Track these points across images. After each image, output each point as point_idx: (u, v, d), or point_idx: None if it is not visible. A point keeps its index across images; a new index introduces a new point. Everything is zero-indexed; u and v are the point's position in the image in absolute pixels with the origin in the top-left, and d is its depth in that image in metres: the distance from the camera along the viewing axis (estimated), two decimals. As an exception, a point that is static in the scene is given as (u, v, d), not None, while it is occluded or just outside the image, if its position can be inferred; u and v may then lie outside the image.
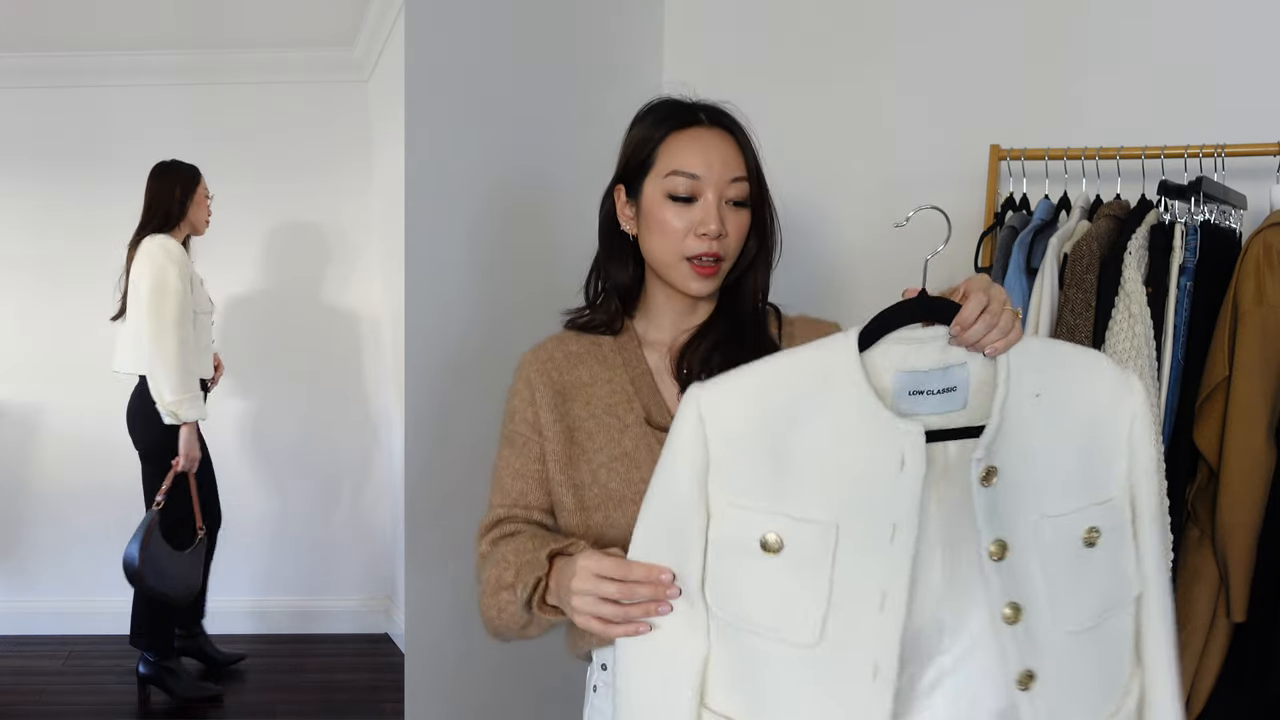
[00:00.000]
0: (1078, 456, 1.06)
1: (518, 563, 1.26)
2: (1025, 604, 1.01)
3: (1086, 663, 1.05)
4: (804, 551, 1.01)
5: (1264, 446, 1.76)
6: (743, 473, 1.03)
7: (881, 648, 0.99)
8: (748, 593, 1.03)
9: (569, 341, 1.42)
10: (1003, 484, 1.02)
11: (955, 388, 1.03)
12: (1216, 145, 1.93)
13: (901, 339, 1.03)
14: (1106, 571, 1.06)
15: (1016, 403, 1.03)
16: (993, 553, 1.01)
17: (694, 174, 1.35)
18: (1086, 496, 1.06)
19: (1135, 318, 1.76)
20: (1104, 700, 1.07)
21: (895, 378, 1.02)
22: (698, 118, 1.39)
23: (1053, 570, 1.03)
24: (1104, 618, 1.07)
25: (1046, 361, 1.06)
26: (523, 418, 1.38)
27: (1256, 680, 1.79)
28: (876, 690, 0.99)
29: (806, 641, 1.00)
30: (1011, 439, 1.02)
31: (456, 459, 1.93)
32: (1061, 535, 1.04)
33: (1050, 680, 1.02)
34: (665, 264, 1.37)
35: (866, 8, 2.46)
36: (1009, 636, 1.01)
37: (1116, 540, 1.07)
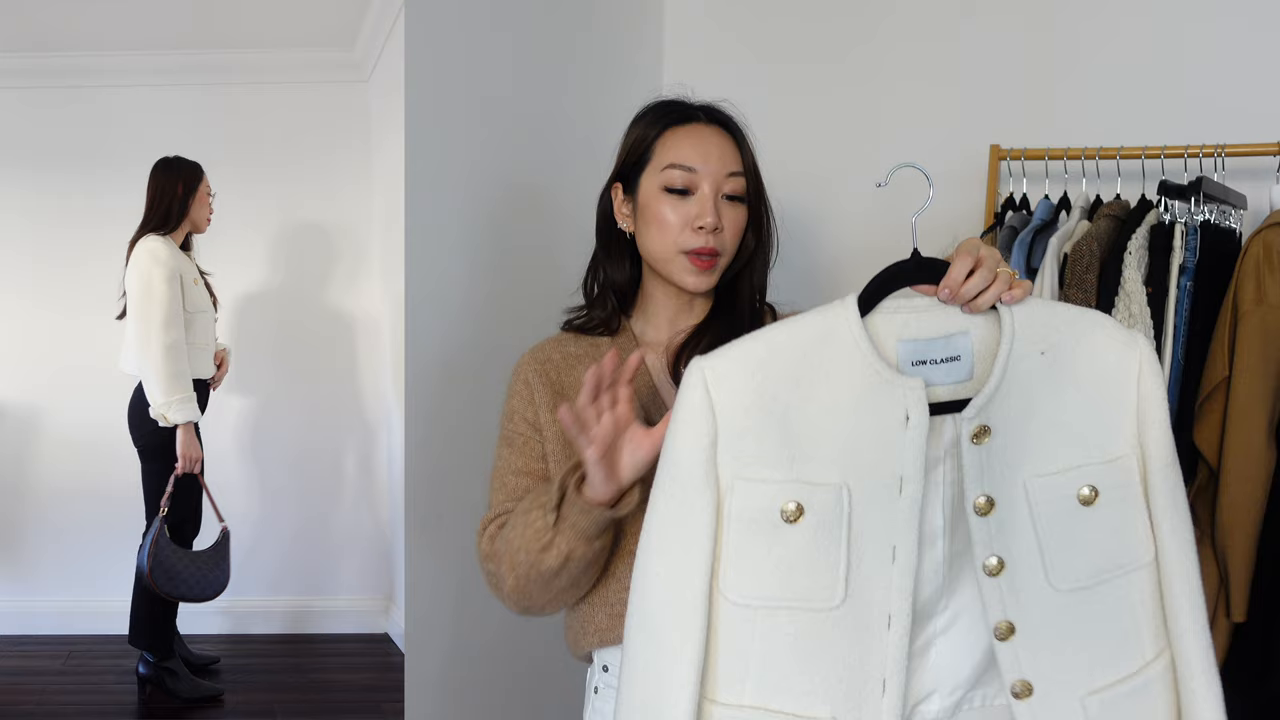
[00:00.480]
0: (1081, 413, 1.06)
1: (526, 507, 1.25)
2: (1011, 558, 1.03)
3: (1083, 621, 1.05)
4: (822, 516, 1.02)
5: (1264, 446, 1.76)
6: (753, 442, 1.02)
7: (896, 598, 1.01)
8: (771, 568, 1.02)
9: (567, 343, 1.42)
10: (996, 442, 1.03)
11: (959, 357, 1.03)
12: (1216, 145, 1.94)
13: (901, 308, 1.04)
14: (1106, 531, 1.06)
15: (1019, 361, 1.03)
16: (979, 507, 1.03)
17: (691, 167, 1.35)
18: (1087, 455, 1.06)
19: (1135, 318, 1.76)
20: (1112, 661, 1.06)
21: (898, 347, 1.03)
22: (695, 114, 1.40)
23: (1045, 527, 1.04)
24: (1103, 578, 1.06)
25: (1051, 319, 1.06)
26: (522, 417, 1.38)
27: (1256, 680, 1.79)
28: (892, 639, 1.01)
29: (832, 604, 1.01)
30: (1011, 398, 1.02)
31: (457, 459, 1.93)
32: (1056, 493, 1.04)
33: (1032, 634, 1.04)
34: (662, 259, 1.37)
35: (867, 8, 2.46)
36: (991, 588, 1.03)
37: (1120, 500, 1.06)
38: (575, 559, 1.22)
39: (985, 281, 1.04)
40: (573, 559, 1.21)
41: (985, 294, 1.04)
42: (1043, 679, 1.04)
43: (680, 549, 1.04)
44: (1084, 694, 1.05)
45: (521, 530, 1.24)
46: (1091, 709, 1.05)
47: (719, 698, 1.04)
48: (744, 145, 1.40)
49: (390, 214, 2.08)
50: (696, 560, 1.03)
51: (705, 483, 1.03)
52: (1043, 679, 1.04)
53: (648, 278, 1.43)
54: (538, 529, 1.22)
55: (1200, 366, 1.82)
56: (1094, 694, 1.05)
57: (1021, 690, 1.04)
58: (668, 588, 1.04)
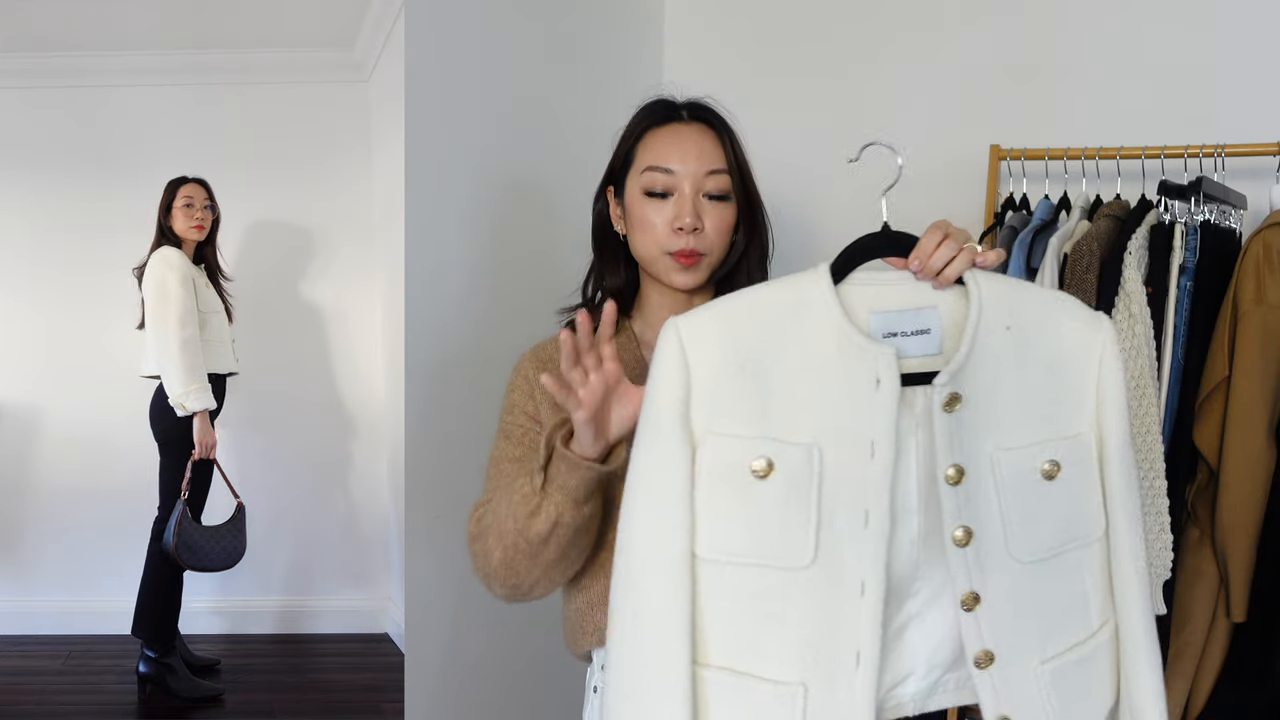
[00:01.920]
0: (1045, 390, 1.08)
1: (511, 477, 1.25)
2: (977, 529, 1.04)
3: (1040, 592, 1.07)
4: (792, 474, 1.03)
5: (1264, 446, 1.76)
6: (725, 399, 1.04)
7: (868, 564, 1.02)
8: (742, 523, 1.04)
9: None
10: (966, 412, 1.04)
11: (929, 330, 1.06)
12: (1216, 145, 1.94)
13: (874, 280, 1.07)
14: (1066, 505, 1.08)
15: (986, 334, 1.05)
16: (949, 477, 1.04)
17: (668, 169, 1.35)
18: (1051, 430, 1.08)
19: (1135, 318, 1.76)
20: (1063, 630, 1.09)
21: (870, 319, 1.05)
22: (678, 114, 1.40)
23: (1009, 499, 1.05)
24: (1062, 550, 1.08)
25: (1017, 296, 1.08)
26: (522, 410, 1.38)
27: (1256, 680, 1.80)
28: (866, 606, 1.02)
29: (801, 564, 1.02)
30: (979, 369, 1.04)
31: (457, 458, 1.93)
32: (1020, 466, 1.06)
33: (996, 604, 1.05)
34: (649, 259, 1.38)
35: (867, 8, 2.46)
36: (958, 559, 1.05)
37: (1080, 476, 1.09)
38: (564, 525, 1.20)
39: (952, 252, 1.06)
40: (561, 524, 1.20)
41: (953, 264, 1.06)
42: (1003, 648, 1.06)
43: (661, 504, 1.05)
44: (1038, 662, 1.08)
45: (508, 499, 1.24)
46: (1044, 677, 1.08)
47: (709, 660, 1.05)
48: (728, 141, 1.39)
49: (390, 214, 2.08)
50: (678, 515, 1.04)
51: (681, 437, 1.04)
52: (1003, 648, 1.06)
53: (644, 279, 1.43)
54: (525, 494, 1.21)
55: (1200, 366, 1.82)
56: (1046, 662, 1.08)
57: (983, 660, 1.06)
58: (651, 544, 1.05)
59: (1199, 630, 1.85)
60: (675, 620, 1.03)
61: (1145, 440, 1.74)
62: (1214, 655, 1.85)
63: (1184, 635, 1.86)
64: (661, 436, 1.04)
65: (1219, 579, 1.83)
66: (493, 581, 1.29)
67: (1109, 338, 1.10)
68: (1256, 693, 1.81)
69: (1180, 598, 1.85)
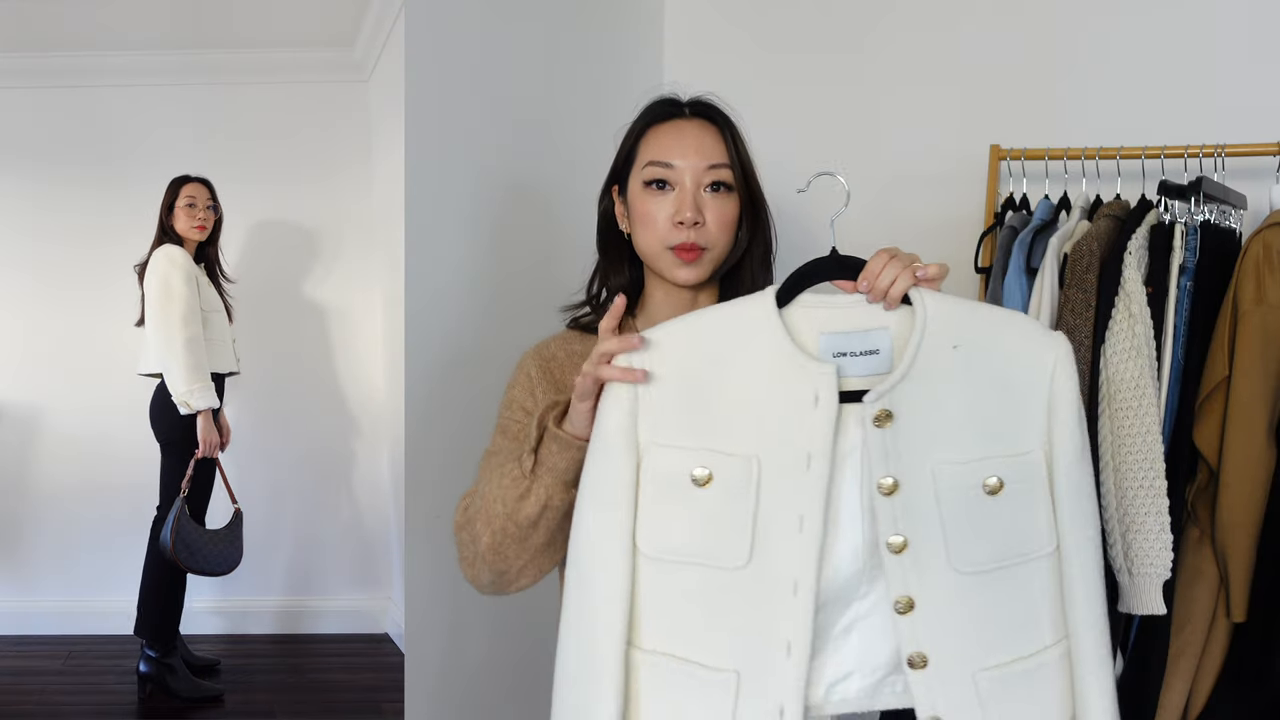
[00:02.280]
0: (993, 408, 1.12)
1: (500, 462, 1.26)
2: (915, 538, 1.10)
3: (982, 602, 1.12)
4: (730, 483, 1.10)
5: (1264, 446, 1.76)
6: (671, 413, 1.11)
7: (801, 565, 1.09)
8: (682, 526, 1.11)
9: (572, 341, 1.42)
10: (901, 427, 1.09)
11: (877, 350, 1.11)
12: (1216, 145, 1.94)
13: (824, 304, 1.12)
14: (1011, 521, 1.12)
15: (930, 353, 1.09)
16: (883, 487, 1.09)
17: (668, 163, 1.35)
18: (996, 447, 1.12)
19: (1135, 318, 1.76)
20: (1007, 642, 1.13)
21: (820, 340, 1.11)
22: (680, 110, 1.41)
23: (949, 512, 1.10)
24: (1004, 564, 1.12)
25: (968, 316, 1.12)
26: (521, 406, 1.38)
27: (1256, 680, 1.79)
28: (799, 604, 1.09)
29: (737, 564, 1.10)
30: (920, 386, 1.09)
31: (457, 458, 1.93)
32: (963, 480, 1.10)
33: (930, 610, 1.11)
34: (651, 255, 1.38)
35: (866, 8, 2.46)
36: (894, 564, 1.10)
37: (1026, 493, 1.12)
38: (553, 507, 1.22)
39: (896, 272, 1.11)
40: (550, 507, 1.22)
41: (896, 283, 1.11)
42: (938, 653, 1.11)
43: (607, 505, 1.13)
44: (976, 670, 1.11)
45: (498, 482, 1.24)
46: (982, 684, 1.11)
47: (637, 642, 1.13)
48: (730, 136, 1.39)
49: (390, 214, 2.08)
50: (621, 516, 1.12)
51: (627, 446, 1.12)
52: (938, 653, 1.11)
53: (648, 277, 1.43)
54: (514, 477, 1.22)
55: (1200, 366, 1.82)
56: (986, 671, 1.11)
57: (917, 661, 1.11)
58: (597, 540, 1.13)
59: (1199, 630, 1.85)
60: (615, 612, 1.12)
61: (1145, 440, 1.74)
62: (1214, 655, 1.85)
63: (1184, 635, 1.86)
64: (608, 448, 1.12)
65: (1219, 579, 1.83)
66: (479, 567, 1.29)
67: (1062, 356, 1.13)
68: (1256, 693, 1.81)
69: (1180, 598, 1.85)
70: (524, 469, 1.21)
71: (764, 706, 1.10)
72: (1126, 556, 1.75)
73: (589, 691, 1.13)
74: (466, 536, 1.30)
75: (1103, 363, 1.78)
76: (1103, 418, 1.77)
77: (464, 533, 1.30)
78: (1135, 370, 1.75)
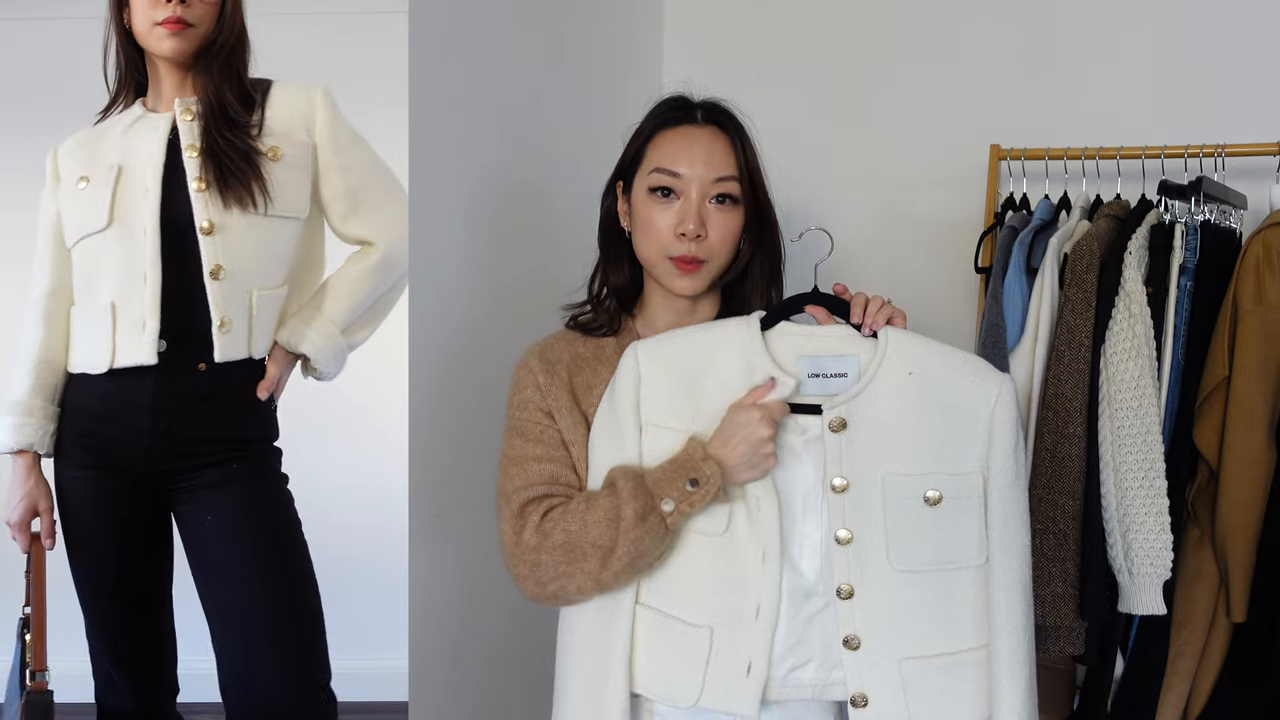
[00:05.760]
0: (938, 430, 1.27)
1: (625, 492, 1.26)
2: (860, 534, 1.26)
3: (910, 598, 1.27)
4: None
5: (1264, 446, 1.76)
6: (664, 402, 1.30)
7: (766, 539, 1.26)
8: None
9: (575, 343, 1.42)
10: (854, 435, 1.27)
11: (846, 374, 1.29)
12: (1216, 145, 1.94)
13: (804, 332, 1.31)
14: (946, 531, 1.27)
15: (887, 375, 1.27)
16: (835, 486, 1.27)
17: (675, 171, 1.35)
18: (940, 465, 1.27)
19: (1135, 318, 1.76)
20: (930, 638, 1.28)
21: (798, 361, 1.29)
22: (692, 115, 1.39)
23: (893, 515, 1.26)
24: (934, 568, 1.27)
25: (925, 350, 1.29)
26: (536, 406, 1.37)
27: (1256, 680, 1.80)
28: (766, 571, 1.26)
29: (717, 530, 1.28)
30: (875, 402, 1.27)
31: (459, 458, 1.93)
32: (907, 490, 1.26)
33: (867, 598, 1.27)
34: (651, 261, 1.38)
35: (866, 8, 2.46)
36: (839, 555, 1.27)
37: (961, 508, 1.27)
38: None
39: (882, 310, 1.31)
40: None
41: (879, 317, 1.30)
42: (869, 637, 1.27)
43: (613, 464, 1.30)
44: (900, 657, 1.27)
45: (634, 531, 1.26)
46: (905, 670, 1.27)
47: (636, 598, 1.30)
48: (740, 146, 1.38)
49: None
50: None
51: (632, 420, 1.30)
52: (869, 637, 1.27)
53: (647, 279, 1.43)
54: (655, 525, 1.26)
55: (1200, 366, 1.82)
56: (910, 659, 1.27)
57: (852, 641, 1.27)
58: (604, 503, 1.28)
59: (1199, 630, 1.85)
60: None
61: (1145, 440, 1.74)
62: (1214, 655, 1.85)
63: (1184, 635, 1.86)
64: (619, 421, 1.31)
65: (1219, 579, 1.83)
66: (574, 594, 1.30)
67: (1004, 393, 1.28)
68: (1256, 693, 1.81)
69: (1180, 598, 1.85)
70: (666, 521, 1.26)
71: (733, 660, 1.26)
72: (1126, 556, 1.75)
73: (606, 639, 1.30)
74: (548, 560, 1.29)
75: (1103, 363, 1.78)
76: (1103, 418, 1.77)
77: (543, 555, 1.29)
78: (1135, 370, 1.75)
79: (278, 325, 1.75)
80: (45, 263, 1.77)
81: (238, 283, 1.68)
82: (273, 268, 1.74)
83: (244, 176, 1.67)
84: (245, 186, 1.67)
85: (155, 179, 1.68)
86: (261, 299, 1.71)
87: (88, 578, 1.72)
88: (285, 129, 1.74)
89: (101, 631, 1.74)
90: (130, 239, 1.67)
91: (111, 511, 1.70)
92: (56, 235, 1.76)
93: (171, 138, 1.70)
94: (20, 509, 1.70)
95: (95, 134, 1.77)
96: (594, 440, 1.34)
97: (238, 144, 1.68)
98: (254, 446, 1.77)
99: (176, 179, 1.68)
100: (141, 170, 1.69)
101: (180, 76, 1.74)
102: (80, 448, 1.70)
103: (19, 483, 1.70)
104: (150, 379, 1.67)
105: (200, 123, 1.70)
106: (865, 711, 1.26)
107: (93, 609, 1.74)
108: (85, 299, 1.72)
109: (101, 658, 1.77)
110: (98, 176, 1.70)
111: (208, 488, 1.70)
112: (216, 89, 1.71)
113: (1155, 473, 1.74)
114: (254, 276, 1.70)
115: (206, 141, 1.68)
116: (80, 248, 1.72)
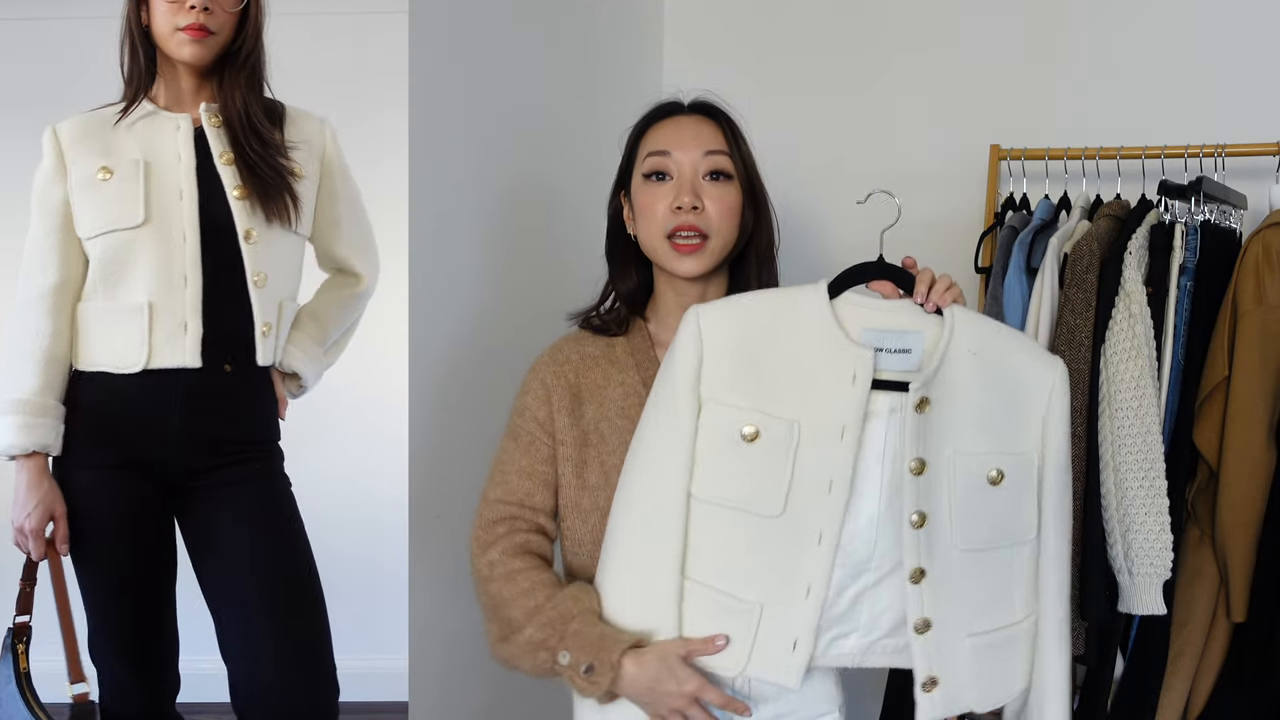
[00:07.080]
0: (1000, 410, 1.28)
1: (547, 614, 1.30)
2: (931, 515, 1.25)
3: (972, 577, 1.28)
4: (775, 442, 1.23)
5: (1264, 446, 1.77)
6: (728, 375, 1.25)
7: (827, 521, 1.23)
8: (729, 475, 1.25)
9: (585, 342, 1.43)
10: (933, 415, 1.24)
11: (910, 350, 1.25)
12: (1216, 145, 1.94)
13: (868, 304, 1.27)
14: (1005, 509, 1.28)
15: (955, 354, 1.25)
16: (913, 468, 1.24)
17: (665, 150, 1.37)
18: (1000, 444, 1.27)
19: (1135, 318, 1.76)
20: (989, 614, 1.29)
21: (863, 333, 1.25)
22: (676, 108, 1.43)
23: (958, 495, 1.25)
24: (995, 545, 1.28)
25: (984, 329, 1.29)
26: (534, 416, 1.38)
27: (1256, 680, 1.80)
28: (821, 553, 1.24)
29: (772, 513, 1.24)
30: (946, 382, 1.25)
31: (460, 459, 1.93)
32: (972, 469, 1.26)
33: (937, 581, 1.26)
34: (653, 249, 1.39)
35: (866, 8, 2.46)
36: (912, 538, 1.24)
37: (1020, 487, 1.28)
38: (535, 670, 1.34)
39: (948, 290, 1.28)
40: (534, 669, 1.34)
41: (945, 296, 1.27)
42: (939, 618, 1.27)
43: (668, 450, 1.26)
44: (965, 635, 1.28)
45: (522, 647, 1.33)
46: (968, 648, 1.28)
47: (685, 573, 1.27)
48: (727, 127, 1.40)
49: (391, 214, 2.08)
50: (680, 460, 1.26)
51: (690, 397, 1.26)
52: (939, 618, 1.27)
53: (657, 277, 1.44)
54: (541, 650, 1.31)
55: (1200, 366, 1.82)
56: (972, 636, 1.28)
57: (921, 626, 1.26)
58: (656, 482, 1.27)
59: (1199, 630, 1.86)
60: (675, 549, 1.26)
61: (1145, 440, 1.74)
62: (1214, 655, 1.85)
63: (1184, 635, 1.86)
64: (676, 398, 1.26)
65: (1219, 579, 1.83)
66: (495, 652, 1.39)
67: (1060, 378, 1.29)
68: (1256, 693, 1.81)
69: (1180, 598, 1.85)
70: (555, 660, 1.29)
71: (781, 637, 1.24)
72: (1126, 556, 1.75)
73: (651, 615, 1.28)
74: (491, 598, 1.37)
75: (1103, 363, 1.78)
76: (1103, 418, 1.77)
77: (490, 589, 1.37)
78: (1135, 370, 1.75)
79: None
80: (52, 255, 1.68)
81: (274, 291, 1.72)
82: (293, 280, 1.80)
83: (279, 192, 1.71)
84: (281, 201, 1.71)
85: (190, 181, 1.68)
86: (287, 309, 1.77)
87: (98, 578, 1.70)
88: (302, 152, 1.78)
89: (108, 632, 1.72)
90: (167, 239, 1.65)
91: (125, 510, 1.68)
92: (65, 225, 1.68)
93: (197, 141, 1.70)
94: (37, 515, 1.62)
95: (99, 122, 1.72)
96: (646, 415, 1.30)
97: (270, 159, 1.71)
98: (267, 447, 1.79)
99: (208, 183, 1.68)
100: (173, 170, 1.68)
101: (198, 80, 1.74)
102: (93, 447, 1.67)
103: (32, 487, 1.62)
104: (184, 379, 1.67)
105: (228, 131, 1.71)
106: (934, 694, 1.26)
107: (101, 610, 1.71)
108: (108, 296, 1.67)
109: (108, 661, 1.75)
110: (123, 170, 1.66)
111: (226, 485, 1.71)
112: (244, 100, 1.72)
113: (1155, 473, 1.74)
114: (283, 287, 1.76)
115: (238, 152, 1.70)
116: (103, 242, 1.66)
